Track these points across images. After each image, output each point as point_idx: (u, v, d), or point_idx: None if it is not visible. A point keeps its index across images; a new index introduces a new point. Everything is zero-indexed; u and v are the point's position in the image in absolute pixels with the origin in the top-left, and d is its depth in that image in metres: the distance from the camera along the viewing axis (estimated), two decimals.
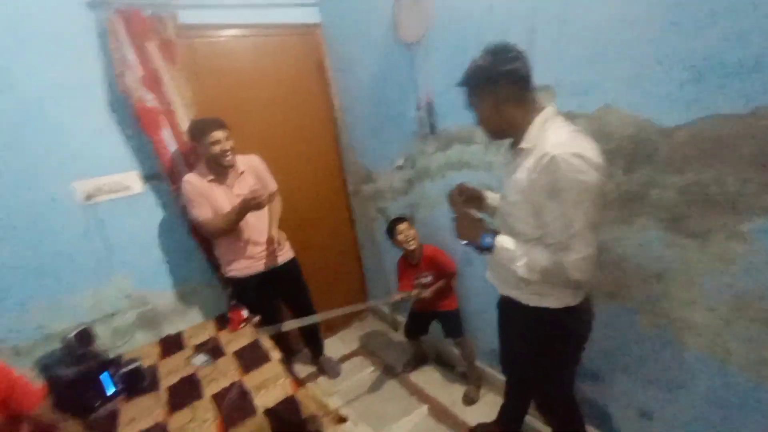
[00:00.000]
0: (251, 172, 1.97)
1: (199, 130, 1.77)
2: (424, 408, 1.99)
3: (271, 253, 2.03)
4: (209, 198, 1.84)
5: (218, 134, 1.76)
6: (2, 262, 1.67)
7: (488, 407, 1.91)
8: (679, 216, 1.12)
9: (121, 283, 1.95)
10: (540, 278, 1.01)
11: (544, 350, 1.19)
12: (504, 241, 1.07)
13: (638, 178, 1.16)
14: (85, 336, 1.63)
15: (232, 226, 1.86)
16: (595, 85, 1.20)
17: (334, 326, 2.84)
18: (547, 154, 0.92)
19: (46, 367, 1.58)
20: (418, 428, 1.87)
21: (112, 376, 1.56)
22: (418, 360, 2.32)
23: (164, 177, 1.98)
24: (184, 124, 1.94)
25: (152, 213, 2.03)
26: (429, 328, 2.16)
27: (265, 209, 1.97)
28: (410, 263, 1.98)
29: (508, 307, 1.23)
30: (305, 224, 2.56)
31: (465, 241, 1.17)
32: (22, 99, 1.66)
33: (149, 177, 1.99)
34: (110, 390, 1.54)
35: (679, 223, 1.12)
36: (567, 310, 1.11)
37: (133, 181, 1.96)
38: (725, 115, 0.97)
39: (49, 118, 1.72)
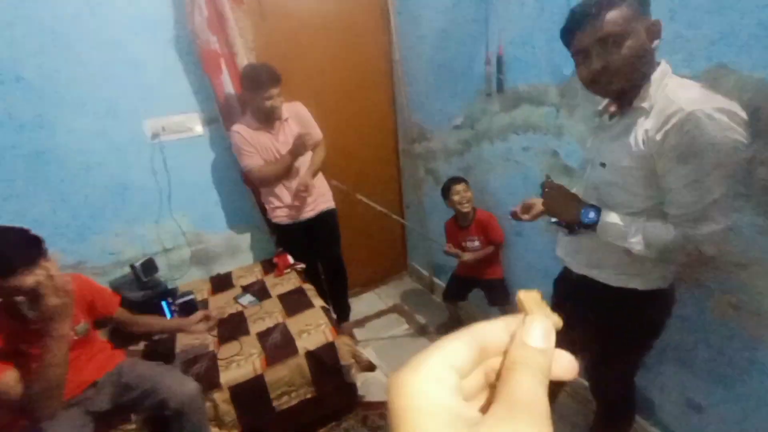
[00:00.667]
0: (295, 119, 1.96)
1: (254, 82, 1.74)
2: None
3: (313, 202, 2.05)
4: (257, 146, 1.87)
5: (273, 92, 1.75)
6: (89, 190, 1.83)
7: None
8: None
9: (180, 220, 2.07)
10: (658, 255, 0.90)
11: (621, 333, 1.10)
12: (611, 216, 0.93)
13: (744, 152, 1.00)
14: (149, 266, 1.77)
15: (281, 174, 1.90)
16: (708, 41, 1.02)
17: (372, 282, 2.90)
18: (680, 111, 0.78)
19: (117, 288, 1.74)
20: None
21: (170, 304, 1.69)
22: (453, 323, 2.32)
23: (221, 121, 2.01)
24: None
25: (210, 156, 2.10)
26: (468, 296, 2.14)
27: (307, 157, 1.98)
28: (460, 225, 1.93)
29: (582, 287, 1.12)
30: (352, 177, 2.54)
31: (555, 219, 1.07)
32: (104, 36, 1.72)
33: (209, 120, 2.04)
34: (169, 316, 1.68)
35: None
36: (653, 294, 1.01)
37: (194, 122, 2.02)
38: None
39: (126, 55, 1.78)
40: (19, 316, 1.08)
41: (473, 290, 2.08)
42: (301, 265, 2.16)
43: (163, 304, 1.67)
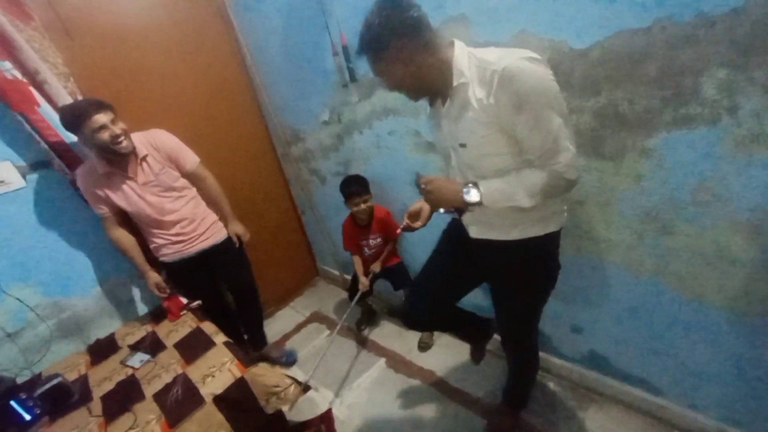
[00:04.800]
0: (156, 154, 1.68)
1: (73, 118, 1.44)
2: (382, 361, 2.03)
3: (205, 232, 1.85)
4: (105, 194, 1.62)
5: (100, 118, 1.44)
6: None
7: (443, 350, 1.99)
8: (596, 139, 1.13)
9: (21, 294, 1.69)
10: (541, 199, 0.94)
11: (545, 280, 1.16)
12: (490, 184, 0.96)
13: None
14: None
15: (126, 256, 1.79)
16: (510, 11, 1.13)
17: (286, 297, 2.77)
18: (496, 71, 0.85)
19: None
20: (377, 382, 1.91)
21: (25, 401, 1.37)
22: (369, 316, 2.33)
23: (57, 163, 1.66)
24: (63, 97, 1.62)
25: (46, 207, 1.73)
26: (373, 289, 2.16)
27: (188, 196, 1.78)
28: (359, 225, 1.91)
29: (500, 251, 1.12)
30: (238, 197, 2.36)
31: (443, 210, 1.07)
32: None
33: (34, 165, 1.68)
34: (26, 416, 1.36)
35: (597, 146, 1.14)
36: (559, 231, 1.09)
37: (7, 173, 1.64)
38: (630, 30, 0.96)
39: None
40: None
41: (377, 281, 2.11)
42: (197, 302, 1.95)
43: (13, 404, 1.34)
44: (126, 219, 1.77)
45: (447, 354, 1.90)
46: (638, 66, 0.97)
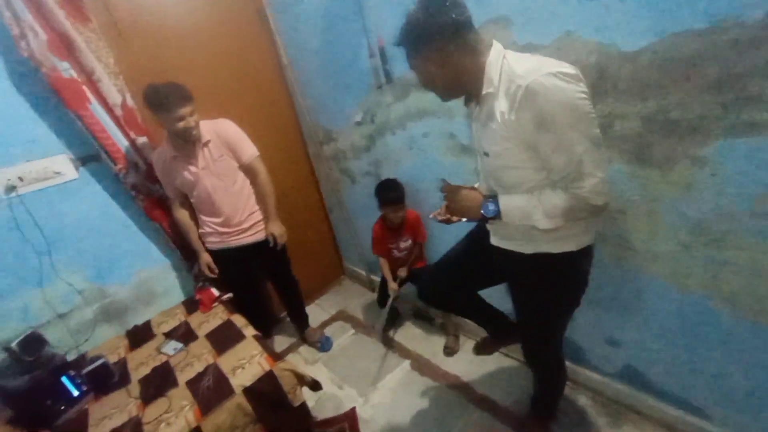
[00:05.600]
0: (218, 140, 1.78)
1: (162, 104, 1.57)
2: (407, 363, 2.02)
3: (250, 228, 1.92)
4: (173, 177, 1.77)
5: (182, 111, 1.59)
6: None
7: (468, 355, 1.96)
8: (642, 146, 1.08)
9: (71, 278, 1.80)
10: (562, 222, 0.91)
11: (560, 296, 1.12)
12: (510, 200, 0.95)
13: (601, 109, 1.10)
14: (33, 341, 1.51)
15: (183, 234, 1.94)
16: (554, 12, 1.10)
17: (312, 294, 2.80)
18: (520, 87, 0.82)
19: None
20: (401, 383, 1.90)
21: (74, 378, 1.47)
22: (394, 318, 2.33)
23: (104, 157, 1.77)
24: (114, 96, 1.72)
25: (95, 198, 1.84)
26: (399, 290, 2.15)
27: (240, 187, 1.85)
28: (390, 227, 1.92)
29: (515, 261, 1.09)
30: None
31: (464, 219, 1.08)
32: None
33: (85, 159, 1.79)
34: (75, 392, 1.46)
35: (642, 153, 1.09)
36: (585, 250, 1.04)
37: (63, 165, 1.75)
38: (688, 32, 0.91)
39: None
40: None
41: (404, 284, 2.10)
42: (228, 295, 2.01)
43: (64, 380, 1.44)
44: (189, 202, 1.91)
45: (473, 360, 1.87)
46: (694, 70, 0.92)
